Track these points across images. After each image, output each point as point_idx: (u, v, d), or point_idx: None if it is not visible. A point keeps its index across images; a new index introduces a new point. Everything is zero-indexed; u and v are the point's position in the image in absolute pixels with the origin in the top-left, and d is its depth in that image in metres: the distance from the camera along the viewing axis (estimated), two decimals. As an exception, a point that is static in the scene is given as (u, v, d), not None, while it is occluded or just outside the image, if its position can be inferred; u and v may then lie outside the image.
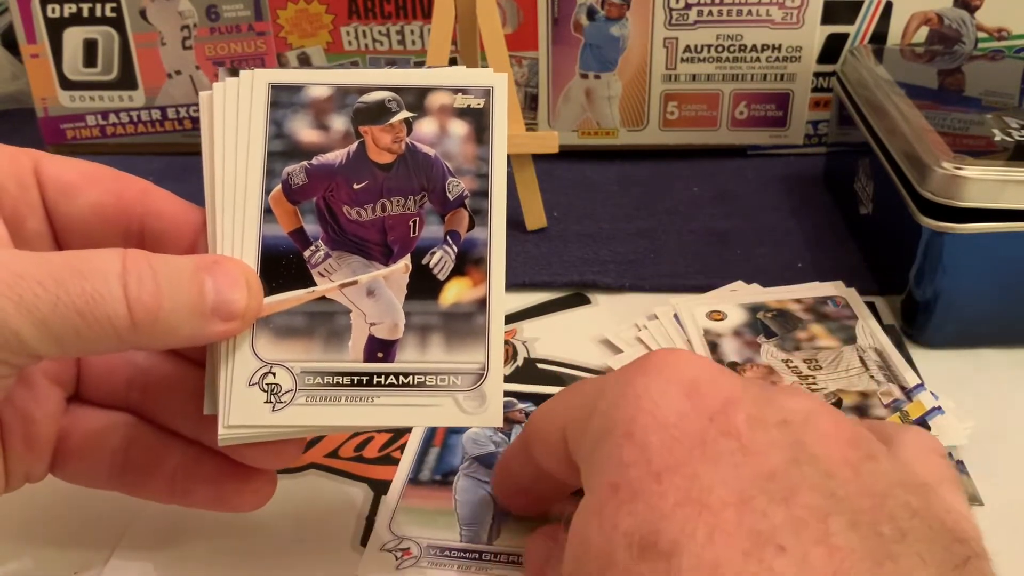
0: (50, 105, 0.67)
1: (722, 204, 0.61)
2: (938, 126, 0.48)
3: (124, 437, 0.34)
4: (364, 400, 0.30)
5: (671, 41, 0.64)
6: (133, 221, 0.32)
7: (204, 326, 0.29)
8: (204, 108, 0.32)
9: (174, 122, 0.68)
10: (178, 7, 0.64)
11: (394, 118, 0.32)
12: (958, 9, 0.63)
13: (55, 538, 0.37)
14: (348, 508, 0.38)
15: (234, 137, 0.31)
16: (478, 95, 0.32)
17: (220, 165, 0.31)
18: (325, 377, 0.30)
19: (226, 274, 0.29)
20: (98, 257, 0.27)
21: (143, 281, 0.27)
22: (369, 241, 0.32)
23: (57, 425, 0.33)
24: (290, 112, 0.32)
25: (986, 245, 0.45)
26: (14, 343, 0.26)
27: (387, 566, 0.35)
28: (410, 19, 0.64)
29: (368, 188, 0.32)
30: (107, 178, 0.32)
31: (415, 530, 0.37)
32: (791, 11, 0.62)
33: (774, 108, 0.66)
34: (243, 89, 0.32)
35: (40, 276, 0.26)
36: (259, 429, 0.30)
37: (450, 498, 0.38)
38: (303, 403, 0.30)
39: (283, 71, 0.33)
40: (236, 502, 0.33)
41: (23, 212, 0.31)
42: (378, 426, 0.31)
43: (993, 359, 0.46)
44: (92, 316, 0.27)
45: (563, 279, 0.53)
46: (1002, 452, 0.41)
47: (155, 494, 0.34)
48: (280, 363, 0.30)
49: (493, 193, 0.32)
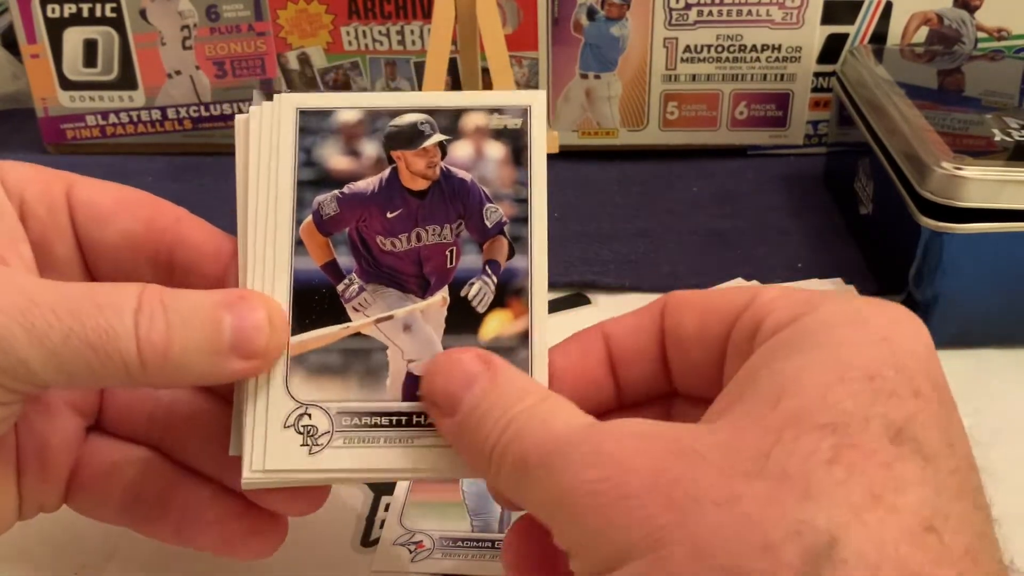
0: (50, 105, 0.67)
1: (722, 204, 0.61)
2: (938, 126, 0.48)
3: (137, 473, 0.33)
4: (403, 441, 0.29)
5: (671, 41, 0.64)
6: (163, 250, 0.31)
7: (221, 365, 0.28)
8: (240, 133, 0.31)
9: (174, 122, 0.68)
10: (178, 7, 0.64)
11: (428, 142, 0.31)
12: (958, 9, 0.63)
13: (55, 538, 0.37)
14: (348, 508, 0.38)
15: (266, 164, 0.31)
16: (515, 115, 0.31)
17: (254, 194, 0.30)
18: (363, 418, 0.29)
19: (249, 310, 0.28)
20: (116, 291, 0.27)
21: (154, 318, 0.27)
22: (404, 273, 0.30)
23: (74, 455, 0.33)
24: (320, 138, 0.31)
25: (986, 245, 0.45)
26: (21, 371, 0.26)
27: (402, 560, 0.35)
28: (410, 19, 0.64)
29: (402, 217, 0.30)
30: (140, 204, 0.32)
31: (426, 523, 0.37)
32: (791, 11, 0.62)
33: (774, 108, 0.66)
34: (271, 115, 0.31)
35: (55, 305, 0.26)
36: (294, 474, 0.29)
37: (457, 490, 0.39)
38: (340, 446, 0.29)
39: (311, 95, 0.32)
40: (243, 549, 0.32)
41: (51, 237, 0.31)
42: (419, 471, 0.29)
43: (993, 359, 0.46)
44: (103, 351, 0.26)
45: (563, 279, 0.53)
46: (1002, 452, 0.41)
47: (161, 535, 0.33)
48: (316, 404, 0.29)
49: (533, 219, 0.30)
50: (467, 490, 0.39)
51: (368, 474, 0.30)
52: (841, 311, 0.25)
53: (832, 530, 0.21)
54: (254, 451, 0.29)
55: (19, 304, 0.26)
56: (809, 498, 0.21)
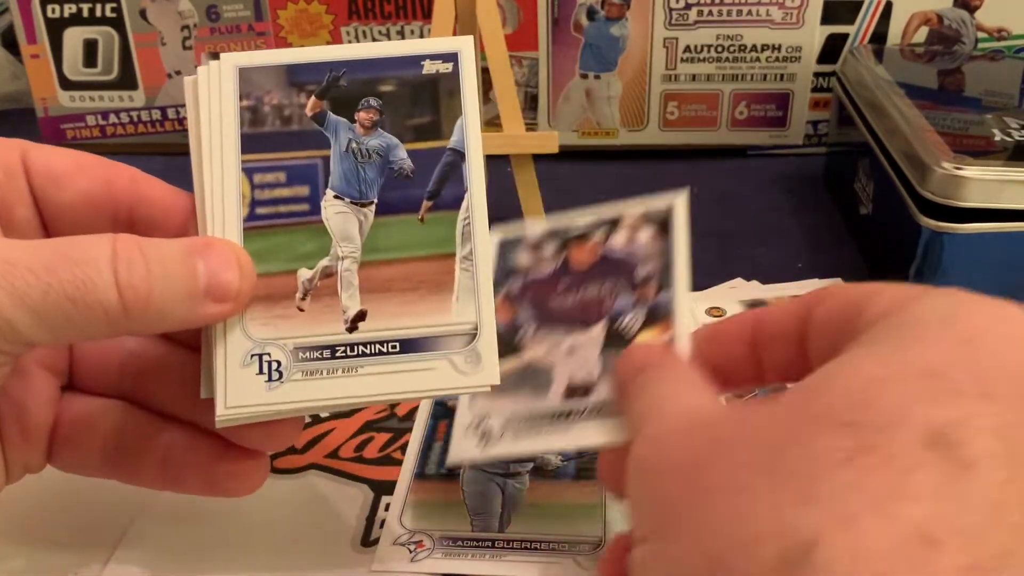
0: (50, 105, 0.67)
1: (722, 204, 0.61)
2: (938, 126, 0.48)
3: (115, 423, 0.34)
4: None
5: (671, 41, 0.64)
6: (122, 208, 0.32)
7: (197, 309, 0.29)
8: (188, 93, 0.33)
9: (174, 122, 0.68)
10: (178, 7, 0.64)
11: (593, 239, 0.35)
12: (958, 9, 0.63)
13: (55, 538, 0.37)
14: (348, 508, 0.38)
15: (216, 122, 0.32)
16: (661, 209, 0.35)
17: (207, 150, 0.32)
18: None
19: (218, 255, 0.29)
20: (88, 243, 0.28)
21: (133, 266, 0.27)
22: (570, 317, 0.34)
23: (52, 414, 0.33)
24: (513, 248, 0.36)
25: (986, 245, 0.45)
26: (8, 331, 0.26)
27: (402, 559, 0.35)
28: (410, 19, 0.64)
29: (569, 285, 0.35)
30: (96, 166, 0.32)
31: (426, 523, 0.37)
32: (791, 11, 0.62)
33: (774, 108, 0.66)
34: (216, 75, 0.33)
35: (30, 263, 0.26)
36: (256, 408, 0.30)
37: (458, 490, 0.39)
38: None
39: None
40: (227, 486, 0.33)
41: (11, 200, 0.31)
42: (379, 394, 0.31)
43: (993, 359, 0.46)
44: (83, 302, 0.27)
45: (563, 279, 0.53)
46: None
47: (147, 480, 0.34)
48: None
49: (676, 278, 0.33)
50: (468, 490, 0.39)
51: (325, 404, 0.31)
52: (937, 307, 0.24)
53: (815, 535, 0.20)
54: (226, 391, 0.30)
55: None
56: (806, 501, 0.21)
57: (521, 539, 0.36)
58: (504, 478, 0.39)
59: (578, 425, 0.31)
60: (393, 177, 0.32)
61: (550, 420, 0.31)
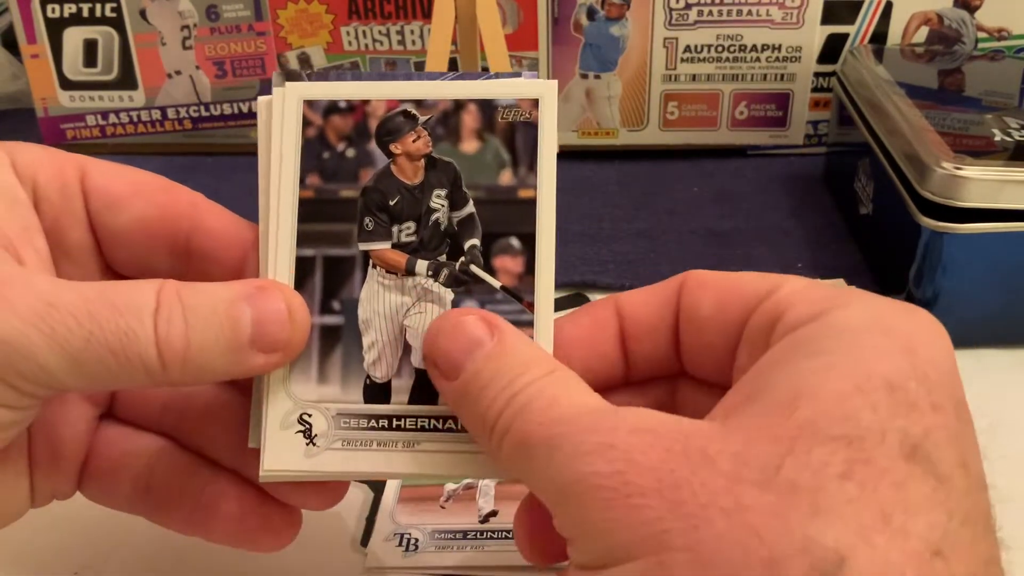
0: (50, 105, 0.67)
1: (722, 204, 0.61)
2: (938, 126, 0.48)
3: (149, 461, 0.32)
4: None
5: (671, 41, 0.64)
6: (180, 237, 0.31)
7: (241, 361, 0.27)
8: (262, 116, 0.31)
9: (174, 122, 0.68)
10: (178, 7, 0.64)
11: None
12: (958, 9, 0.63)
13: (55, 538, 0.37)
14: (348, 508, 0.38)
15: (279, 153, 0.30)
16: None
17: (276, 182, 0.30)
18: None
19: (268, 303, 0.27)
20: (133, 291, 0.26)
21: (172, 320, 0.26)
22: None
23: (86, 444, 0.32)
24: None
25: (986, 245, 0.45)
26: (42, 377, 0.25)
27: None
28: (410, 19, 0.64)
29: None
30: (155, 190, 0.31)
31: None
32: (791, 11, 0.62)
33: (774, 108, 0.66)
34: (280, 103, 0.31)
35: (74, 308, 0.25)
36: (299, 473, 0.29)
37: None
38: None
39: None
40: (259, 540, 0.32)
41: (65, 223, 0.30)
42: (422, 474, 0.29)
43: (993, 359, 0.46)
44: (124, 355, 0.25)
45: (563, 279, 0.53)
46: (1002, 452, 0.41)
47: (174, 523, 0.32)
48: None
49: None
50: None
51: (366, 476, 0.30)
52: (865, 314, 0.25)
53: (840, 549, 0.20)
54: (265, 449, 0.29)
55: (37, 308, 0.25)
56: (818, 514, 0.20)
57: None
58: None
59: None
60: None
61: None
